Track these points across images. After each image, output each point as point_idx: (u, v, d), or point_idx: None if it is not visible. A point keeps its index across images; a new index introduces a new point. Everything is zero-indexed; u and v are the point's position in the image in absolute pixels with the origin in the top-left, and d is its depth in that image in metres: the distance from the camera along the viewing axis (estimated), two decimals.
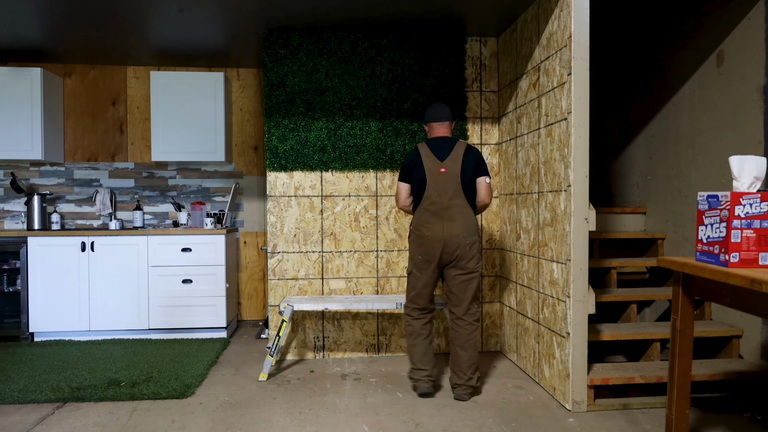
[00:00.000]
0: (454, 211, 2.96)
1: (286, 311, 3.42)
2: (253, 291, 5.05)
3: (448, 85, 3.93)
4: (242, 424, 2.72)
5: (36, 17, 3.64)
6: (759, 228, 1.85)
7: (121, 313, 4.34)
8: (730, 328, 3.22)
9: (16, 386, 3.21)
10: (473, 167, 3.01)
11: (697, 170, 3.52)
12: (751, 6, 3.06)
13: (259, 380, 3.38)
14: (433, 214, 2.98)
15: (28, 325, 4.29)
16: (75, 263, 4.32)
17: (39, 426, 2.71)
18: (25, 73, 4.42)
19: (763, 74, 2.99)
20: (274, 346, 3.43)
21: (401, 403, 2.99)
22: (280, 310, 3.46)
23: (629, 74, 4.35)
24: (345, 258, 3.90)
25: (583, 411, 2.87)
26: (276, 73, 3.83)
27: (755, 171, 1.91)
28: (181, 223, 4.70)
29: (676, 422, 2.12)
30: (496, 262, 4.01)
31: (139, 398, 3.05)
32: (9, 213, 4.80)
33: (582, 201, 2.85)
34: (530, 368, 3.43)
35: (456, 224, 2.95)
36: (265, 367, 3.43)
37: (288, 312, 3.41)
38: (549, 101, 3.12)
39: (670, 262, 2.10)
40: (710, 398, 3.02)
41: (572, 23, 2.81)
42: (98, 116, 4.88)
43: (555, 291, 3.05)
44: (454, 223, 2.95)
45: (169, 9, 3.48)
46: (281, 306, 3.46)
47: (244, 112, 5.01)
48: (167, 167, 4.93)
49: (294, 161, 3.84)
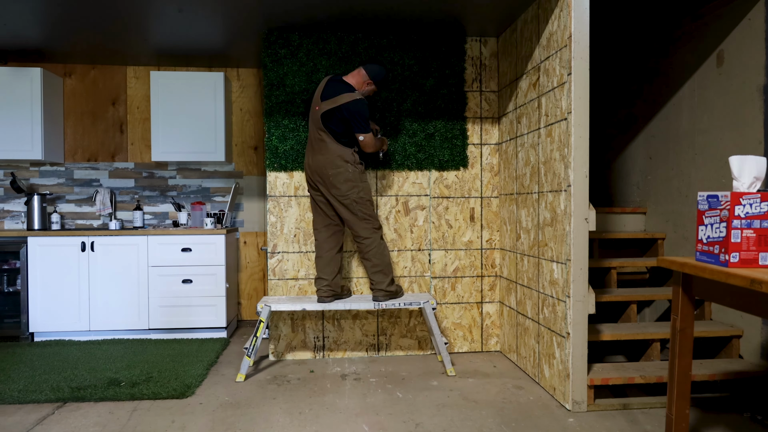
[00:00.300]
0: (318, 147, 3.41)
1: (263, 312, 3.41)
2: (253, 291, 5.06)
3: (448, 85, 3.93)
4: (242, 424, 2.72)
5: (36, 17, 3.64)
6: (759, 228, 1.85)
7: (121, 313, 4.34)
8: (730, 328, 3.22)
9: (16, 386, 3.21)
10: (343, 116, 3.36)
11: (697, 170, 3.52)
12: (751, 6, 3.06)
13: (237, 381, 3.36)
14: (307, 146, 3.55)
15: (28, 325, 4.29)
16: (75, 263, 4.32)
17: (39, 426, 2.71)
18: (25, 73, 4.42)
19: (763, 74, 2.99)
20: (251, 347, 3.42)
21: (401, 403, 2.99)
22: (257, 310, 3.44)
23: (629, 74, 4.35)
24: (345, 258, 3.90)
25: (583, 411, 2.87)
26: (276, 73, 3.83)
27: (755, 171, 1.91)
28: (181, 223, 4.70)
29: (676, 422, 2.13)
30: (496, 262, 4.02)
31: (139, 398, 3.05)
32: (9, 213, 4.80)
33: (582, 201, 2.85)
34: (530, 368, 3.43)
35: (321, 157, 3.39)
36: (243, 367, 3.41)
37: (265, 312, 3.40)
38: (549, 101, 3.12)
39: (670, 262, 2.10)
40: (710, 398, 3.02)
41: (572, 23, 2.81)
42: (98, 116, 4.88)
43: (555, 291, 3.05)
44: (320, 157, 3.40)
45: (169, 9, 3.48)
46: (258, 306, 3.44)
47: (244, 112, 5.01)
48: (167, 167, 4.93)
49: (294, 161, 3.84)
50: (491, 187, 4.00)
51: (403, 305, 3.47)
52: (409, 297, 3.61)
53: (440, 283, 3.96)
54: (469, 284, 3.98)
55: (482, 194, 3.99)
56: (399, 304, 3.47)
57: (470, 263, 3.98)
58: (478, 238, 3.99)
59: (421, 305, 3.47)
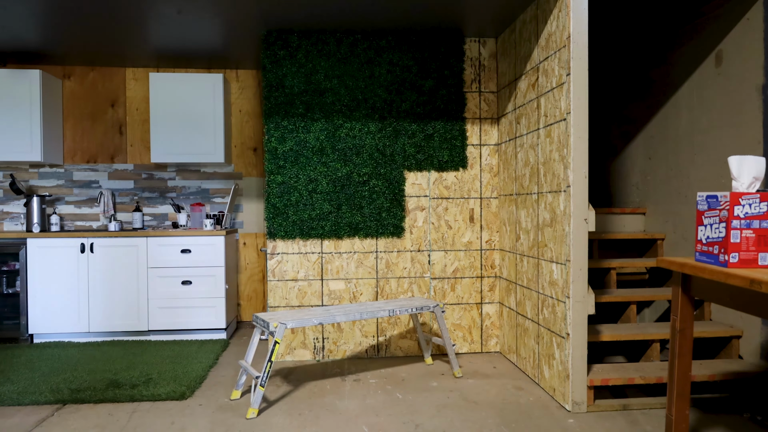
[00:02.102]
0: None
1: (278, 331, 2.86)
2: (252, 292, 5.05)
3: (447, 86, 3.94)
4: (242, 426, 2.71)
5: (35, 19, 3.64)
6: (758, 228, 1.85)
7: (121, 314, 4.34)
8: (729, 329, 3.22)
9: (16, 388, 3.21)
10: None
11: (697, 170, 3.52)
12: (750, 5, 3.06)
13: (248, 418, 2.79)
14: None
15: (28, 327, 4.29)
16: (74, 265, 4.31)
17: (38, 428, 2.70)
18: (24, 75, 4.42)
19: (761, 74, 2.99)
20: (264, 374, 2.85)
21: (401, 404, 2.99)
22: (270, 330, 2.89)
23: (628, 74, 4.35)
24: (344, 259, 3.90)
25: (582, 412, 2.87)
26: (275, 74, 3.83)
27: (754, 171, 1.91)
28: (180, 224, 4.70)
29: (676, 423, 2.12)
30: (496, 263, 4.01)
31: (139, 400, 3.05)
32: (8, 215, 4.79)
33: (581, 201, 2.85)
34: (530, 369, 3.43)
35: None
36: (254, 401, 2.82)
37: (281, 332, 2.87)
38: (548, 102, 3.12)
39: (669, 263, 2.10)
40: (710, 399, 3.02)
41: (571, 24, 2.81)
42: (97, 118, 4.88)
43: (555, 292, 3.05)
44: None
45: (168, 11, 3.48)
46: (271, 326, 2.89)
47: (243, 114, 5.01)
48: (166, 168, 4.93)
49: (293, 163, 3.83)
50: (490, 188, 4.00)
51: (414, 310, 3.30)
52: (417, 301, 3.52)
53: (440, 283, 3.96)
54: (468, 285, 3.98)
55: (482, 195, 3.99)
56: (410, 310, 3.30)
57: (470, 264, 3.98)
58: (477, 238, 3.99)
59: (431, 309, 3.36)
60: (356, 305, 3.40)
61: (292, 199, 3.85)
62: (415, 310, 3.32)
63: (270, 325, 2.91)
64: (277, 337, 2.86)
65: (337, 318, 3.07)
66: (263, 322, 2.99)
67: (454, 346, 3.45)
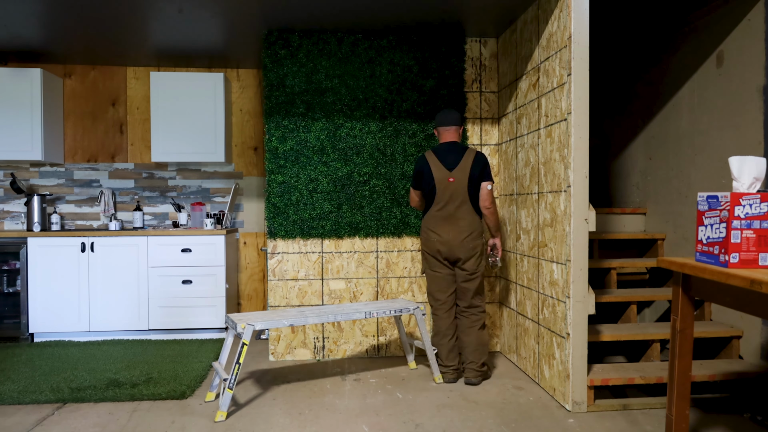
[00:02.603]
0: (459, 217, 3.23)
1: (245, 333, 2.78)
2: (253, 292, 5.05)
3: (447, 86, 3.94)
4: (242, 425, 2.71)
5: (36, 18, 3.64)
6: (759, 228, 1.85)
7: (121, 313, 4.34)
8: (730, 329, 3.22)
9: (16, 387, 3.21)
10: (478, 174, 3.24)
11: (697, 171, 3.52)
12: (751, 6, 3.06)
13: (216, 421, 2.72)
14: (441, 218, 3.25)
15: (28, 326, 4.29)
16: (75, 264, 4.32)
17: (39, 427, 2.71)
18: (24, 74, 4.42)
19: (762, 75, 2.99)
20: (232, 376, 2.76)
21: (401, 404, 2.99)
22: (238, 331, 2.81)
23: (629, 75, 4.35)
24: (345, 258, 3.90)
25: (583, 412, 2.87)
26: (276, 73, 3.83)
27: (755, 171, 1.91)
28: (181, 223, 4.70)
29: (676, 423, 2.12)
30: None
31: (139, 399, 3.05)
32: (9, 214, 4.80)
33: (582, 201, 2.85)
34: (530, 369, 3.43)
35: (460, 229, 3.22)
36: (223, 404, 2.75)
37: (248, 333, 2.79)
38: (549, 102, 3.12)
39: (669, 263, 2.10)
40: (710, 399, 3.02)
41: (572, 24, 2.81)
42: (98, 117, 4.88)
43: (555, 291, 3.05)
44: (458, 228, 3.22)
45: (169, 10, 3.48)
46: (239, 327, 2.81)
47: (243, 113, 5.01)
48: (167, 168, 4.93)
49: (293, 162, 3.84)
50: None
51: (393, 312, 3.23)
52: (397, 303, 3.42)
53: None
54: None
55: None
56: (389, 312, 3.22)
57: None
58: None
59: (411, 312, 3.32)
60: (333, 306, 3.36)
61: (292, 198, 3.85)
62: (394, 312, 3.24)
63: (238, 326, 2.82)
64: (244, 338, 2.78)
65: (309, 320, 3.02)
66: (232, 322, 2.91)
67: (434, 351, 3.34)
